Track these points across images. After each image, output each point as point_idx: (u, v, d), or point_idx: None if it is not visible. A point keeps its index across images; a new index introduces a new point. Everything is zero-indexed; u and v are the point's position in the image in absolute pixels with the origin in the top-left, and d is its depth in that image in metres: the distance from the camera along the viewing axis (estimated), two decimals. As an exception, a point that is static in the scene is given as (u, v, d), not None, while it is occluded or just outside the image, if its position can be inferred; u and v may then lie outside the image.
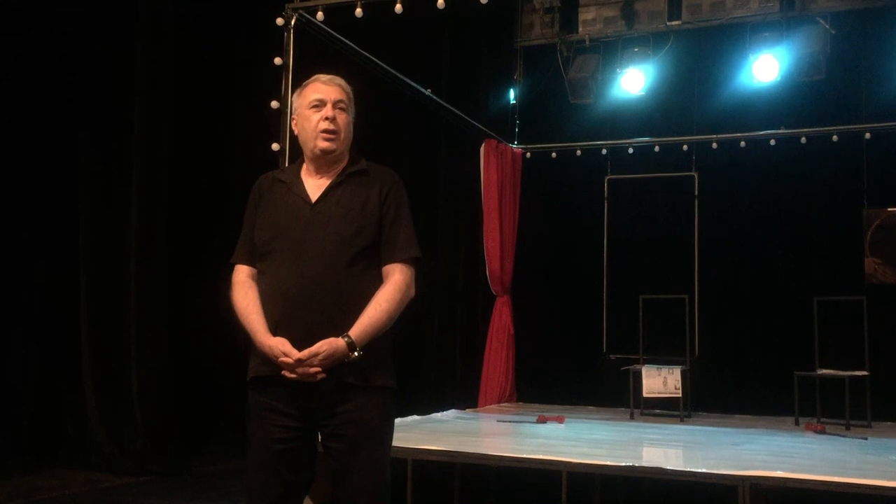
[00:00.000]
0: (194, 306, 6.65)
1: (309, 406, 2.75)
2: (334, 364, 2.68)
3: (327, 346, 2.66)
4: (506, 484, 5.64)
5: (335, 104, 2.87)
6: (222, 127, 7.02)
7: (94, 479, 5.83)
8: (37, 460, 6.02)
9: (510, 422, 7.09)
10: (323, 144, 2.85)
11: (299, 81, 3.04)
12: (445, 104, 7.98)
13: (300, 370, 2.66)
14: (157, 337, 6.33)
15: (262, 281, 2.85)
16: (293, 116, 2.98)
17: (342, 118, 2.89)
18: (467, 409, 8.03)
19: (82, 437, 6.19)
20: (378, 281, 2.81)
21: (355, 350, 2.69)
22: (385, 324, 2.76)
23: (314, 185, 2.88)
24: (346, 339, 2.68)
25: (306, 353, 2.65)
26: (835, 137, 8.49)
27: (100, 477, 5.88)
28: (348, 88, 2.95)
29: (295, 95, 2.98)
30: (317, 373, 2.67)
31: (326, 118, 2.85)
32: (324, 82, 2.91)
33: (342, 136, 2.88)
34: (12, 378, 6.01)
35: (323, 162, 2.89)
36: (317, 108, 2.87)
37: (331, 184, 2.87)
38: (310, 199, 2.85)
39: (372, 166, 2.95)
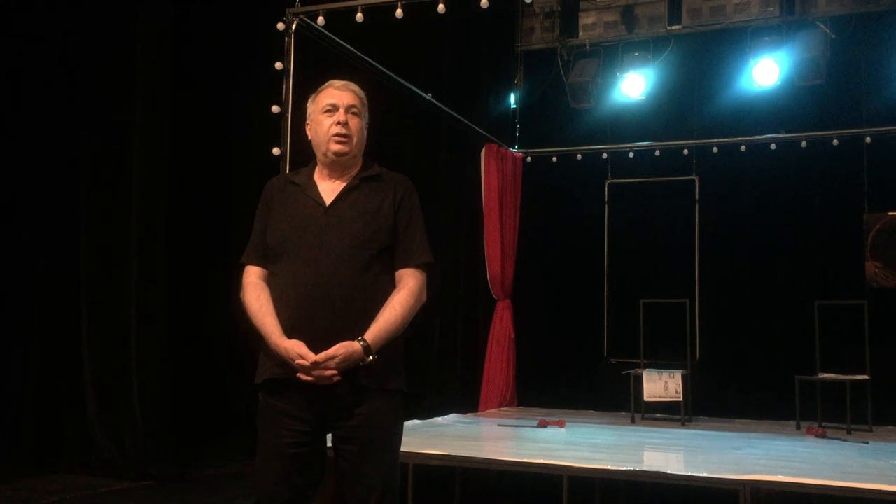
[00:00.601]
0: (195, 307, 6.64)
1: (323, 409, 2.75)
2: (350, 367, 2.69)
3: (344, 349, 2.68)
4: (506, 488, 5.62)
5: (348, 109, 2.90)
6: (222, 128, 7.02)
7: (94, 483, 5.81)
8: (37, 463, 6.00)
9: (511, 426, 7.07)
10: (335, 147, 2.87)
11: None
12: (446, 108, 7.96)
13: (316, 373, 2.67)
14: (158, 338, 6.31)
15: (274, 282, 2.84)
16: (307, 121, 3.00)
17: (354, 123, 2.91)
18: (468, 414, 8.01)
19: (82, 440, 6.16)
20: (391, 285, 2.83)
21: (370, 354, 2.71)
22: (399, 328, 2.78)
23: (328, 189, 2.89)
24: (361, 343, 2.70)
25: (322, 355, 2.66)
26: (835, 141, 8.49)
27: (100, 481, 5.85)
28: (362, 94, 2.97)
29: (309, 101, 3.00)
30: (332, 375, 2.67)
31: (338, 122, 2.87)
32: (337, 88, 2.94)
33: (354, 140, 2.90)
34: (12, 380, 5.99)
35: (336, 166, 2.91)
36: (329, 112, 2.90)
37: (345, 187, 2.88)
38: (324, 202, 2.86)
39: (385, 172, 2.97)
